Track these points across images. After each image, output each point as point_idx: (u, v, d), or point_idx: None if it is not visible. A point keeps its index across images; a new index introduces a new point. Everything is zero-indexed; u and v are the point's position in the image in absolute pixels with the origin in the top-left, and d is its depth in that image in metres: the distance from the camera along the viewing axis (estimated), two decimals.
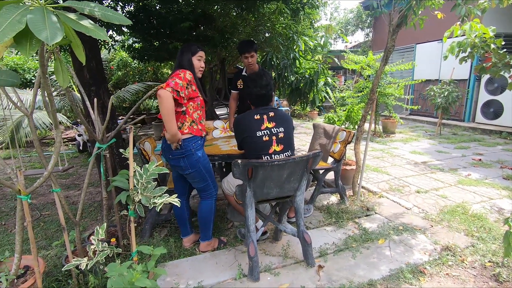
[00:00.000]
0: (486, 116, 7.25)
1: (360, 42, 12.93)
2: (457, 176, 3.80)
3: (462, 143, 5.75)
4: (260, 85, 2.08)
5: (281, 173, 1.87)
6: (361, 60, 6.26)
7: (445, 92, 6.16)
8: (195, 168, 2.09)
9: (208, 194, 2.24)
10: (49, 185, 4.11)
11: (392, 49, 2.60)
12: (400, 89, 6.15)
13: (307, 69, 4.81)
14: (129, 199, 1.63)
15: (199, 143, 2.10)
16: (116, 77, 8.80)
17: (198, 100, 2.10)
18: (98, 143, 2.06)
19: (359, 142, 3.14)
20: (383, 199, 3.17)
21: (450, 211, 2.78)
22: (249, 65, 2.92)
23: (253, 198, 1.92)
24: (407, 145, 5.70)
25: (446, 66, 8.20)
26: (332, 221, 2.69)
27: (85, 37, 2.72)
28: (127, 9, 4.87)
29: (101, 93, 2.88)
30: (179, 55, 2.11)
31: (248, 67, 2.99)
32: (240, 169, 1.78)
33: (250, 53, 2.85)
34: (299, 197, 2.05)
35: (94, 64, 2.83)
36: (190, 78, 1.99)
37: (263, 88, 2.07)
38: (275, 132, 2.06)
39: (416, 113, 9.06)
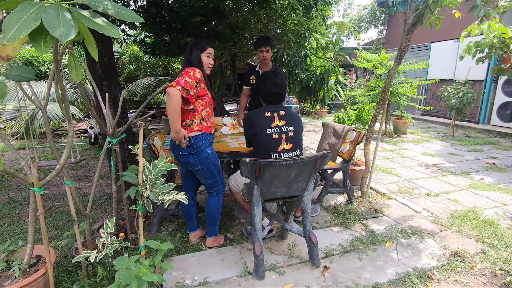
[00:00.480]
0: (502, 118, 7.04)
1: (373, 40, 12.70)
2: (469, 180, 3.71)
3: (476, 145, 5.61)
4: (275, 83, 2.08)
5: (289, 173, 1.86)
6: (373, 58, 6.14)
7: (460, 92, 6.00)
8: (204, 165, 2.10)
9: (216, 191, 2.25)
10: (61, 176, 4.20)
11: (407, 48, 2.54)
12: (413, 89, 6.02)
13: (318, 67, 4.76)
14: (137, 194, 1.65)
15: (208, 140, 2.12)
16: (127, 71, 8.90)
17: (206, 97, 2.11)
18: (109, 137, 2.09)
19: (369, 143, 3.09)
20: (391, 201, 3.12)
21: (461, 216, 2.73)
22: (263, 60, 2.94)
23: (260, 196, 1.92)
24: (418, 146, 5.60)
25: (461, 66, 7.97)
26: (339, 222, 2.67)
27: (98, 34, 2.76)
28: (139, 4, 4.90)
29: (113, 88, 2.92)
30: (188, 52, 2.12)
31: (262, 62, 3.01)
32: (248, 167, 1.77)
33: (266, 48, 2.86)
34: (307, 197, 2.04)
35: (107, 59, 2.86)
36: (199, 76, 1.99)
37: (277, 86, 2.08)
38: (285, 131, 2.06)
39: (429, 114, 8.88)
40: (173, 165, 1.64)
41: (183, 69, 2.04)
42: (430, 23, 2.49)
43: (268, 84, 2.09)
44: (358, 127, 4.24)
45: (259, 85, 2.15)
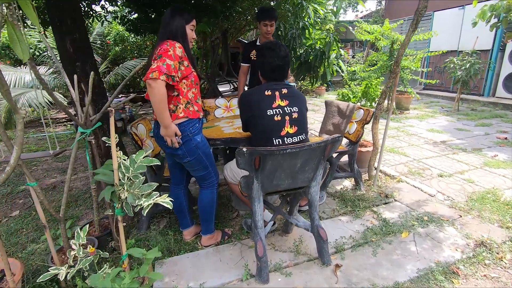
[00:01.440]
0: (509, 90, 6.75)
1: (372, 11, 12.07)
2: (482, 157, 3.48)
3: (483, 119, 5.35)
4: (277, 55, 1.76)
5: (294, 162, 1.58)
6: (375, 30, 5.72)
7: (467, 64, 5.66)
8: (194, 155, 1.81)
9: (209, 183, 1.98)
10: (45, 169, 3.91)
11: (424, 11, 2.19)
12: (417, 62, 5.66)
13: (317, 40, 4.38)
14: (114, 196, 1.37)
15: (197, 126, 1.81)
16: (113, 53, 8.37)
17: (191, 76, 1.77)
18: (81, 127, 1.78)
19: (377, 122, 2.81)
20: (402, 184, 2.89)
21: (480, 198, 2.50)
22: (266, 34, 2.67)
23: (261, 190, 1.65)
24: (423, 122, 5.33)
25: (466, 36, 7.57)
26: (348, 210, 2.44)
27: (67, 6, 2.32)
28: None
29: (88, 70, 2.56)
30: (167, 20, 1.72)
31: (264, 37, 2.71)
32: (246, 158, 1.49)
33: (271, 21, 2.60)
34: (314, 189, 1.77)
35: (78, 36, 2.48)
36: (180, 53, 1.64)
37: (280, 59, 1.76)
38: (289, 112, 1.75)
39: (430, 88, 8.55)
40: (155, 160, 1.36)
41: (160, 43, 1.67)
42: None
43: (269, 56, 1.76)
44: (365, 105, 3.93)
45: (260, 58, 1.82)
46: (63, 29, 2.41)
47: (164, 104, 1.58)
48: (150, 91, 1.55)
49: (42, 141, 5.34)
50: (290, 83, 8.66)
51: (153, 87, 1.52)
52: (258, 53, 1.86)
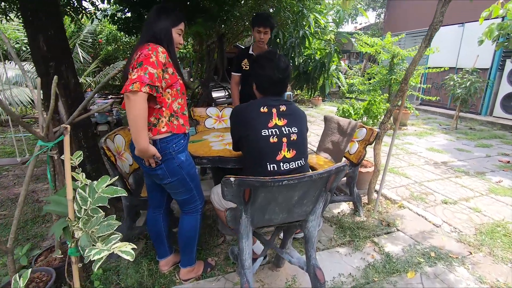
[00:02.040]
0: (507, 110, 6.67)
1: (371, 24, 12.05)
2: (486, 183, 3.29)
3: (483, 140, 5.21)
4: (278, 67, 1.52)
5: (291, 195, 1.33)
6: (375, 43, 5.58)
7: (467, 82, 5.55)
8: (177, 177, 1.55)
9: (192, 208, 1.71)
10: (16, 175, 3.58)
11: (439, 25, 2.00)
12: (416, 77, 5.52)
13: (317, 50, 4.19)
14: (67, 233, 1.10)
15: (182, 143, 1.56)
16: (105, 52, 8.06)
17: (177, 85, 1.52)
18: (41, 140, 1.50)
19: (380, 142, 2.60)
20: (404, 210, 2.67)
21: (489, 232, 2.29)
22: (259, 42, 2.50)
23: (251, 226, 1.40)
24: (422, 140, 5.16)
25: (465, 53, 7.52)
26: (346, 240, 2.19)
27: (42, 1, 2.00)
28: None
29: (63, 70, 2.29)
30: (151, 20, 1.49)
31: (257, 44, 2.54)
32: (234, 189, 1.24)
33: (265, 28, 2.43)
34: (312, 223, 1.52)
35: (53, 33, 2.21)
36: (164, 60, 1.40)
37: (280, 71, 1.53)
38: (287, 133, 1.51)
39: (427, 103, 8.46)
40: (120, 190, 1.09)
41: (140, 46, 1.42)
42: None
43: (269, 68, 1.53)
44: (367, 122, 3.74)
45: (257, 69, 1.57)
46: (36, 25, 2.14)
47: (143, 122, 1.32)
48: (128, 105, 1.29)
49: (21, 143, 4.98)
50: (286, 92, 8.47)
51: (132, 101, 1.27)
52: (255, 64, 1.61)
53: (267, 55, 1.59)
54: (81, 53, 7.36)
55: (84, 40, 7.62)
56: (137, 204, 2.01)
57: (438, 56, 7.92)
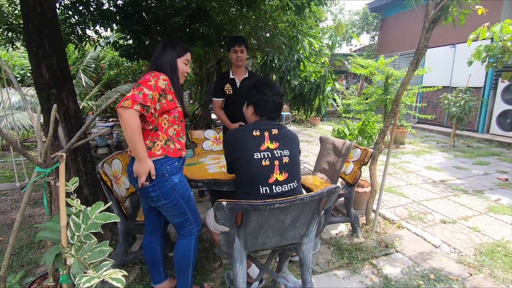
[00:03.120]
0: (503, 127, 6.74)
1: (365, 46, 12.43)
2: (485, 201, 3.28)
3: (481, 157, 5.23)
4: (278, 93, 1.63)
5: (283, 218, 1.34)
6: (369, 64, 5.75)
7: (461, 100, 5.65)
8: (170, 199, 1.57)
9: (186, 232, 1.71)
10: (14, 199, 3.57)
11: (425, 50, 2.09)
12: (411, 97, 5.64)
13: (312, 73, 4.32)
14: (59, 260, 1.10)
15: (176, 165, 1.59)
16: (107, 76, 8.29)
17: (175, 112, 1.59)
18: (38, 166, 1.53)
19: (375, 162, 2.62)
20: (403, 230, 2.64)
21: (489, 252, 2.26)
22: (237, 61, 2.55)
23: (244, 249, 1.40)
24: (420, 158, 5.18)
25: (458, 73, 7.71)
26: (344, 263, 2.16)
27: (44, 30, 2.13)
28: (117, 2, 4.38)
29: (64, 97, 2.36)
30: (158, 52, 1.60)
31: (236, 64, 2.59)
32: (226, 213, 1.25)
33: (240, 47, 2.49)
34: (307, 246, 1.52)
35: (56, 62, 2.30)
36: (164, 86, 1.48)
37: (280, 96, 1.63)
38: (278, 156, 1.54)
39: (424, 122, 8.56)
40: (113, 216, 1.11)
41: (144, 75, 1.52)
42: (453, 19, 2.05)
43: (271, 94, 1.61)
44: (361, 143, 3.78)
45: (258, 95, 1.62)
46: (39, 54, 2.23)
47: (138, 136, 1.40)
48: (121, 122, 1.37)
49: (20, 167, 5.01)
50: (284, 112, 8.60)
51: (124, 117, 1.34)
52: (254, 90, 1.65)
53: (266, 82, 1.66)
54: (83, 78, 7.57)
55: (87, 65, 7.86)
56: (133, 228, 2.01)
57: (432, 76, 8.13)
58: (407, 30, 9.01)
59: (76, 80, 7.53)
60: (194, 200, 1.71)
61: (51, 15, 2.29)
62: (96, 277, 0.91)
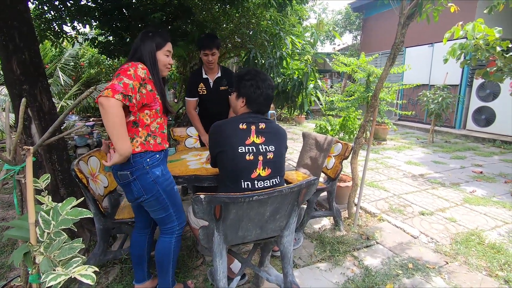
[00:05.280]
0: (478, 123, 7.03)
1: (348, 45, 12.65)
2: (461, 193, 3.40)
3: (457, 152, 5.43)
4: (270, 86, 1.61)
5: (263, 210, 1.34)
6: (351, 62, 5.85)
7: (439, 97, 5.85)
8: (152, 193, 1.52)
9: (168, 229, 1.67)
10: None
11: (401, 45, 2.15)
12: (392, 94, 5.79)
13: (295, 70, 4.36)
14: (28, 259, 1.06)
15: (157, 157, 1.54)
16: (87, 75, 8.04)
17: (156, 105, 1.54)
18: (7, 164, 1.46)
19: (356, 156, 2.67)
20: (383, 223, 2.71)
21: (464, 241, 2.35)
22: (208, 64, 2.43)
23: (224, 243, 1.39)
24: (401, 154, 5.33)
25: (436, 71, 7.97)
26: (327, 256, 2.19)
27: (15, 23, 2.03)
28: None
29: (37, 93, 2.27)
30: (136, 45, 1.54)
31: (208, 67, 2.48)
32: (204, 206, 1.24)
33: (211, 50, 2.34)
34: (287, 238, 1.53)
35: (28, 57, 2.21)
36: (143, 75, 1.43)
37: (272, 89, 1.62)
38: (263, 151, 1.53)
39: (405, 119, 8.80)
40: (86, 211, 1.07)
41: (123, 65, 1.47)
42: (427, 15, 2.11)
43: (265, 87, 1.58)
44: (343, 138, 3.84)
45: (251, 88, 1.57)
46: (10, 48, 2.14)
47: (122, 128, 1.34)
48: (103, 113, 1.30)
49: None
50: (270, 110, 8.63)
51: (106, 107, 1.28)
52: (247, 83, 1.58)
53: (262, 75, 1.61)
54: (62, 76, 7.31)
55: (66, 63, 7.60)
56: (112, 227, 1.96)
57: (412, 73, 8.37)
58: (388, 30, 9.24)
59: (54, 78, 7.26)
60: (178, 196, 1.67)
61: (22, 8, 2.19)
62: (63, 274, 0.87)
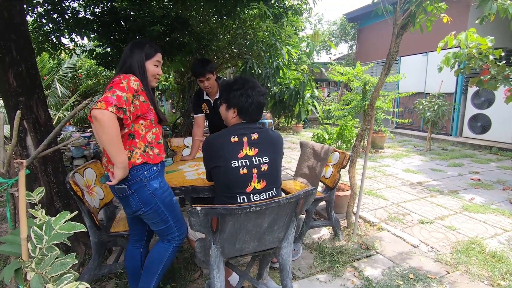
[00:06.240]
0: (474, 130, 7.08)
1: (344, 54, 12.82)
2: (460, 201, 3.39)
3: (455, 159, 5.45)
4: (261, 92, 1.57)
5: (260, 222, 1.32)
6: (348, 72, 5.91)
7: (435, 105, 5.90)
8: (150, 206, 1.50)
9: (169, 239, 1.63)
10: None
11: (396, 55, 2.17)
12: (388, 102, 5.84)
13: (291, 80, 4.40)
14: (18, 275, 1.03)
15: (154, 169, 1.52)
16: (84, 86, 8.07)
17: (150, 115, 1.53)
18: (0, 177, 1.44)
19: (354, 165, 2.66)
20: (383, 232, 2.68)
21: (465, 250, 2.33)
22: (206, 89, 2.41)
23: (221, 256, 1.36)
24: (399, 162, 5.33)
25: (431, 79, 8.07)
26: (326, 267, 2.16)
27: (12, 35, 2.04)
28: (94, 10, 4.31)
29: (33, 105, 2.26)
30: (126, 55, 1.53)
31: (206, 91, 2.46)
32: (200, 219, 1.22)
33: (205, 77, 2.31)
34: (286, 250, 1.50)
35: (24, 69, 2.21)
36: (136, 86, 1.42)
37: (263, 96, 1.58)
38: (257, 163, 1.50)
39: (402, 127, 8.86)
40: (79, 225, 1.05)
41: (115, 76, 1.46)
42: (420, 25, 2.14)
43: (256, 95, 1.54)
44: (340, 147, 3.84)
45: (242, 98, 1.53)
46: (6, 61, 2.14)
47: (117, 140, 1.32)
48: (97, 127, 1.27)
49: None
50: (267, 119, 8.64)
51: (100, 121, 1.25)
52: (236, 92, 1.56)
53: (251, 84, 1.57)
54: (59, 87, 7.33)
55: (63, 75, 7.63)
56: (108, 240, 1.92)
57: (407, 82, 8.46)
58: (383, 40, 9.39)
59: (51, 90, 7.27)
60: (178, 206, 1.64)
61: (19, 21, 2.21)
62: None
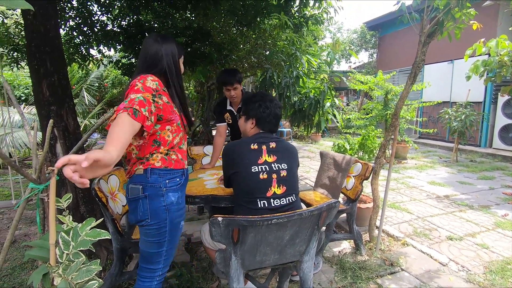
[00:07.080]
0: (505, 141, 6.69)
1: (364, 63, 12.62)
2: (492, 216, 3.19)
3: (485, 171, 5.15)
4: (278, 105, 1.68)
5: (282, 234, 1.30)
6: (368, 80, 5.80)
7: (462, 115, 5.65)
8: (157, 220, 1.31)
9: (149, 270, 1.38)
10: (11, 217, 3.53)
11: (422, 64, 2.10)
12: (412, 111, 5.65)
13: (311, 89, 4.37)
14: (46, 280, 1.06)
15: (177, 181, 1.38)
16: (110, 95, 8.41)
17: (176, 119, 1.39)
18: (32, 182, 1.51)
19: (377, 177, 2.58)
20: (408, 248, 2.55)
21: (500, 270, 2.17)
22: (231, 99, 2.44)
23: (242, 268, 1.34)
24: (423, 173, 5.11)
25: (457, 88, 7.76)
26: (348, 283, 2.07)
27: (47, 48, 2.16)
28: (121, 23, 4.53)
29: (63, 114, 2.37)
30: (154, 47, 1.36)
31: (231, 100, 2.49)
32: (221, 229, 1.21)
33: (233, 86, 2.34)
34: (307, 264, 1.46)
35: (57, 79, 2.34)
36: (154, 86, 1.27)
37: (280, 109, 1.69)
38: (276, 169, 1.53)
39: (426, 137, 8.53)
40: (104, 233, 1.07)
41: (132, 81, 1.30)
42: (448, 33, 2.07)
43: (273, 107, 1.64)
44: (362, 157, 3.74)
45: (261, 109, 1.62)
46: (41, 72, 2.27)
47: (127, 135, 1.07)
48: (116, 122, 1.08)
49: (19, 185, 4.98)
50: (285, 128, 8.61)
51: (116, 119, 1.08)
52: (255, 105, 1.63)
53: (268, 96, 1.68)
54: (87, 96, 7.69)
55: (91, 84, 8.00)
56: (129, 246, 1.95)
57: (431, 91, 8.18)
58: (404, 47, 9.18)
59: (79, 98, 7.64)
60: (179, 235, 1.44)
61: (54, 35, 2.34)
62: None
